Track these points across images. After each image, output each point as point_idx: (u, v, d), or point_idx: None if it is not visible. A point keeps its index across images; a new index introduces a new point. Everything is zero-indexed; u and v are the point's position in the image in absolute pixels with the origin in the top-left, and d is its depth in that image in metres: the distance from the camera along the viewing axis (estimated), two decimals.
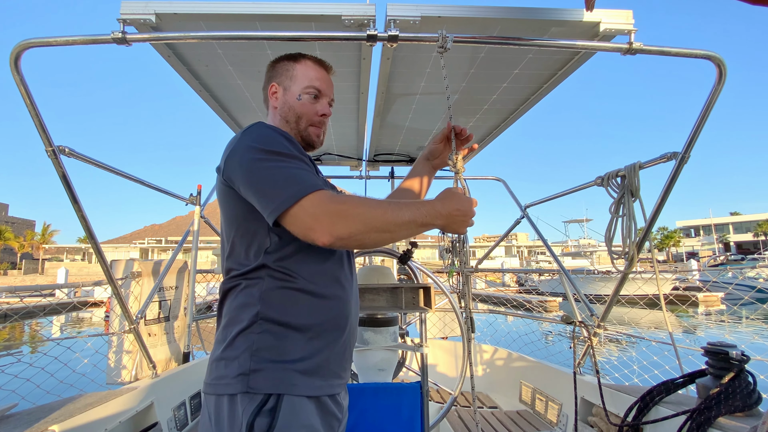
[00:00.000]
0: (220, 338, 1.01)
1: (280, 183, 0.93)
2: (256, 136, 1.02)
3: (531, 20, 1.56)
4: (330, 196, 0.92)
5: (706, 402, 1.58)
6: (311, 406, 0.96)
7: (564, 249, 44.47)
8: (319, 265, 1.04)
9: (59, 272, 27.78)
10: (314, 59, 1.24)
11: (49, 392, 2.38)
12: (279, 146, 1.00)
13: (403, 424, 1.94)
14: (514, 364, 3.59)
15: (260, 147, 0.98)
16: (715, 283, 5.56)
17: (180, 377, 2.71)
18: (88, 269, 49.63)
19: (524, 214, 3.60)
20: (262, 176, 0.95)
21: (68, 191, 1.84)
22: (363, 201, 0.96)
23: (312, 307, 1.01)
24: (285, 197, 0.91)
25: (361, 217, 0.91)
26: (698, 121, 1.74)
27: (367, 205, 0.94)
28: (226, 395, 0.93)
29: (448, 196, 1.02)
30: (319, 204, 0.90)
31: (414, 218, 0.96)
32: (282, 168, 0.96)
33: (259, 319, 0.97)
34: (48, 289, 2.40)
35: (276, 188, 0.93)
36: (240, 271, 1.02)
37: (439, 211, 0.99)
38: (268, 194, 0.94)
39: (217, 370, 0.97)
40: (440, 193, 1.04)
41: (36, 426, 1.66)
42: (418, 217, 0.96)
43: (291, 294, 1.00)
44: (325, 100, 1.23)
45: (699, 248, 63.70)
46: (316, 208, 0.90)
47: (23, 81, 1.49)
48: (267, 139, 1.01)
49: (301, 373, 0.96)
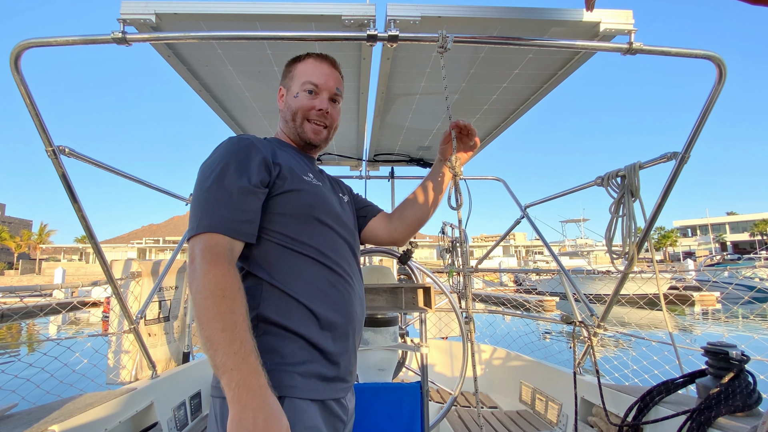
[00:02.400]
0: None
1: (200, 207, 0.94)
2: (213, 152, 1.04)
3: (531, 20, 1.56)
4: (211, 248, 0.89)
5: (706, 402, 1.58)
6: (315, 409, 0.95)
7: (561, 249, 44.54)
8: (307, 272, 1.02)
9: (56, 272, 27.69)
10: (315, 55, 1.22)
11: (49, 392, 2.38)
12: (227, 167, 0.97)
13: (403, 424, 1.94)
14: (514, 364, 3.60)
15: (208, 166, 1.00)
16: (713, 283, 5.57)
17: (180, 377, 2.71)
18: (85, 269, 49.45)
19: (524, 214, 3.60)
20: (196, 196, 0.98)
21: (68, 191, 1.84)
22: (216, 288, 0.84)
23: (306, 315, 0.99)
24: (194, 224, 0.93)
25: (202, 293, 0.84)
26: (698, 121, 1.75)
27: (216, 293, 0.83)
28: None
29: (245, 411, 0.79)
30: (202, 247, 0.89)
31: (224, 357, 0.79)
32: (210, 193, 0.95)
33: (259, 321, 0.96)
34: (46, 289, 2.38)
35: (195, 211, 0.95)
36: (241, 273, 1.02)
37: (244, 380, 0.79)
38: (191, 215, 0.96)
39: None
40: (245, 406, 0.79)
41: (36, 426, 1.65)
42: (228, 360, 0.79)
43: (286, 301, 0.98)
44: (324, 95, 1.20)
45: (696, 248, 63.90)
46: (197, 248, 0.90)
47: (23, 81, 1.48)
48: (218, 158, 1.00)
49: (303, 375, 0.95)
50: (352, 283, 1.12)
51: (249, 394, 0.78)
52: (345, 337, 1.05)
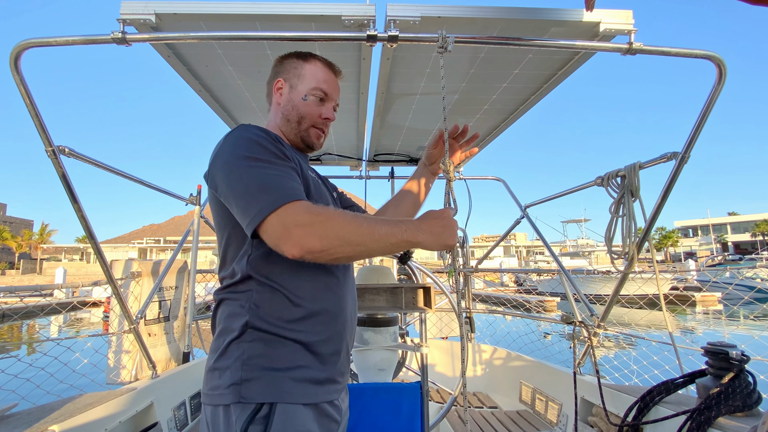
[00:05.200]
0: (214, 348, 1.00)
1: (256, 192, 0.90)
2: (236, 141, 0.99)
3: (531, 20, 1.56)
4: (305, 207, 0.89)
5: (706, 402, 1.58)
6: (307, 412, 0.95)
7: (562, 249, 44.51)
8: (306, 274, 1.01)
9: (57, 272, 27.77)
10: (324, 61, 1.22)
11: (49, 392, 2.38)
12: (258, 151, 0.96)
13: (403, 424, 1.94)
14: (514, 364, 3.59)
15: (239, 153, 0.96)
16: (714, 283, 5.57)
17: (180, 377, 2.71)
18: (86, 269, 49.52)
19: (524, 214, 3.60)
20: (239, 186, 0.92)
21: (68, 191, 1.84)
22: (339, 213, 0.90)
23: (302, 318, 0.99)
24: (260, 207, 0.88)
25: (335, 230, 0.87)
26: (698, 121, 1.74)
27: (343, 217, 0.89)
28: (221, 405, 0.93)
29: (426, 215, 1.05)
30: (292, 214, 0.87)
31: (392, 232, 0.93)
32: (259, 175, 0.92)
33: (248, 328, 0.96)
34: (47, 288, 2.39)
35: (252, 198, 0.90)
36: (231, 280, 1.01)
37: (419, 225, 0.98)
38: (244, 205, 0.91)
39: (212, 380, 0.97)
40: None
41: (36, 426, 1.65)
42: (397, 232, 0.93)
43: (279, 304, 0.98)
44: (330, 104, 1.21)
45: (697, 248, 63.80)
46: (288, 218, 0.87)
47: (23, 81, 1.48)
48: (246, 144, 0.97)
49: (295, 380, 0.95)
50: (345, 283, 1.12)
51: (422, 218, 1.04)
52: (339, 338, 1.05)
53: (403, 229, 0.95)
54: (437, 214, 1.04)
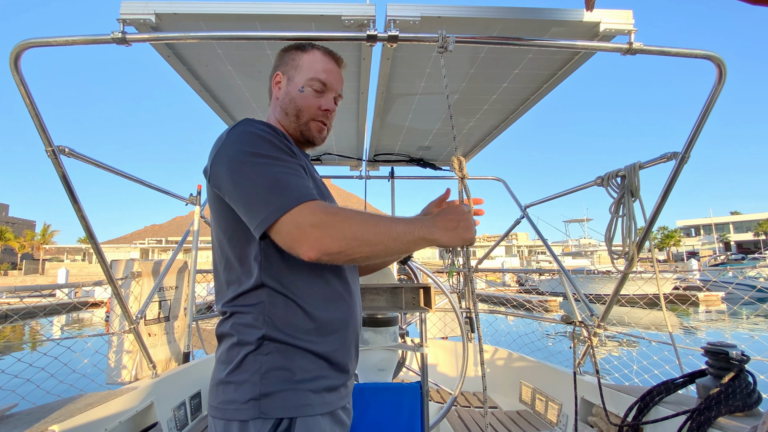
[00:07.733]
0: (225, 359, 0.94)
1: (266, 191, 0.86)
2: (240, 136, 0.94)
3: (531, 20, 1.56)
4: (321, 207, 0.86)
5: (706, 402, 1.58)
6: (325, 422, 0.93)
7: (564, 249, 44.44)
8: (320, 280, 0.98)
9: (59, 272, 27.79)
10: (324, 50, 1.16)
11: (49, 392, 2.38)
12: (265, 147, 0.92)
13: (403, 424, 1.94)
14: (514, 364, 3.59)
15: (245, 149, 0.91)
16: (715, 282, 5.58)
17: (180, 377, 2.71)
18: (88, 269, 49.63)
19: (524, 214, 3.60)
20: (247, 184, 0.88)
21: (68, 191, 1.85)
22: (355, 213, 0.88)
23: (317, 327, 0.96)
24: (273, 207, 0.84)
25: (352, 230, 0.84)
26: (698, 121, 1.74)
27: (359, 216, 0.87)
28: (237, 421, 0.88)
29: (441, 212, 1.01)
30: (308, 215, 0.84)
31: (409, 230, 0.90)
32: (268, 173, 0.88)
33: (265, 340, 0.92)
34: (48, 289, 2.39)
35: (262, 198, 0.85)
36: (240, 289, 0.95)
37: (435, 222, 0.95)
38: (253, 205, 0.86)
39: (225, 393, 0.91)
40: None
41: (36, 426, 1.66)
42: (413, 230, 0.91)
43: (294, 314, 0.94)
44: (330, 95, 1.15)
45: (699, 248, 63.66)
46: (303, 219, 0.83)
47: (23, 81, 1.49)
48: (252, 140, 0.93)
49: (314, 391, 0.93)
50: (355, 287, 1.11)
51: (435, 220, 0.96)
52: (350, 344, 1.04)
53: (419, 226, 0.92)
54: (452, 209, 1.00)
